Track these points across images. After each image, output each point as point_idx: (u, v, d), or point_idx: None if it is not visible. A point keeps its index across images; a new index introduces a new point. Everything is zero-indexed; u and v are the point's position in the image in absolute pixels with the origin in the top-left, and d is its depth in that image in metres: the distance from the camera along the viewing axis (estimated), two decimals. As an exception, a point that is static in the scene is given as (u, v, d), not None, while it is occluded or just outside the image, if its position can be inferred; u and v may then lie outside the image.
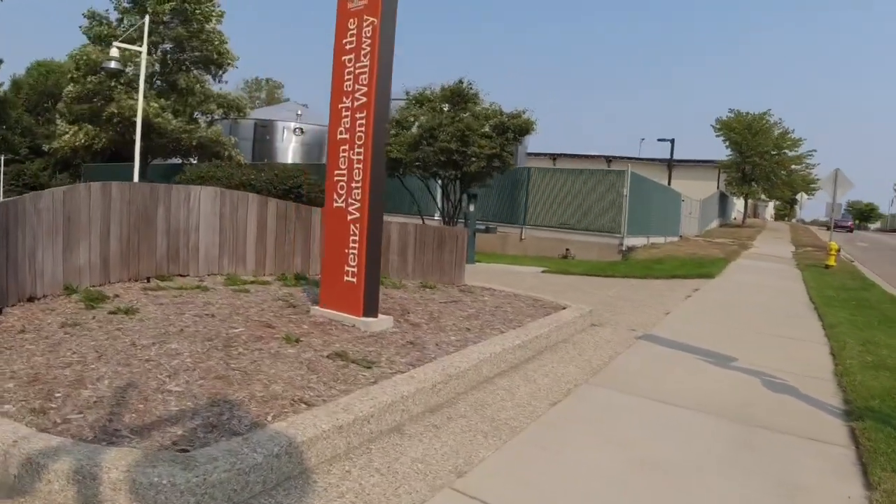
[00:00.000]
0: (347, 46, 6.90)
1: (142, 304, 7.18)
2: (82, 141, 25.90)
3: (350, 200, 6.92)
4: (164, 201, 9.64)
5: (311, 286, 9.32)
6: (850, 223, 71.74)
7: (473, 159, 16.91)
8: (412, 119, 18.27)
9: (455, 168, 17.27)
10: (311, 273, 10.93)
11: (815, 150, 54.77)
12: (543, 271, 16.47)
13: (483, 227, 20.72)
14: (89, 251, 8.51)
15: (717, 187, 52.78)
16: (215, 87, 27.75)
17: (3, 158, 35.99)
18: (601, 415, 5.44)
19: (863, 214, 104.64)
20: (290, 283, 9.46)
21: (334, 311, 7.08)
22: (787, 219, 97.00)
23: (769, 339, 9.00)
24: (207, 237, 10.22)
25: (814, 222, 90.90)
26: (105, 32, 26.16)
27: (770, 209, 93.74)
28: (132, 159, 41.81)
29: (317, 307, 7.30)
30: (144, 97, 25.38)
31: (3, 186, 39.48)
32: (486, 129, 17.43)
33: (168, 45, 26.47)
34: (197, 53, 27.33)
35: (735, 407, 5.81)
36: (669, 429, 5.16)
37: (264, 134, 36.05)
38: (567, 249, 21.59)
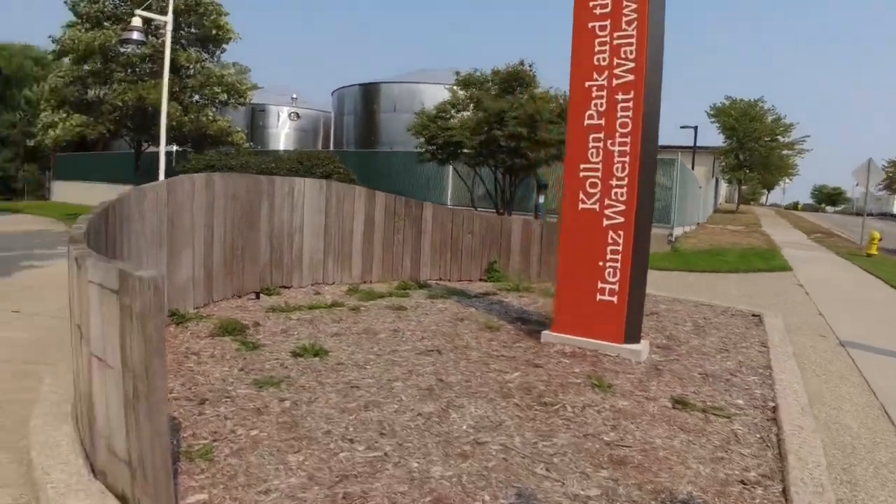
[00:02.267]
0: (598, 11, 5.30)
1: (302, 335, 5.44)
2: (75, 132, 23.21)
3: (608, 202, 5.26)
4: (268, 196, 7.75)
5: (462, 297, 7.56)
6: None
7: (540, 146, 15.21)
8: (467, 101, 16.45)
9: (518, 156, 15.55)
10: (423, 277, 9.15)
11: (808, 136, 54.61)
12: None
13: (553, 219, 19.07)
14: (192, 263, 6.65)
15: (713, 174, 52.06)
16: (213, 67, 25.32)
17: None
18: None
19: (830, 198, 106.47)
20: (439, 295, 7.65)
21: (579, 338, 5.46)
22: (751, 203, 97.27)
23: None
24: (311, 239, 8.36)
25: (795, 206, 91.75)
26: (95, 10, 23.48)
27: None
28: (108, 148, 38.92)
29: (549, 332, 5.63)
30: (143, 80, 22.99)
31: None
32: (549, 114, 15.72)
33: (161, 21, 24.00)
34: (194, 29, 24.86)
35: None
36: None
37: (258, 119, 33.74)
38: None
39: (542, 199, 15.74)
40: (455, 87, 17.28)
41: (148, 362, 2.25)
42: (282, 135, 35.16)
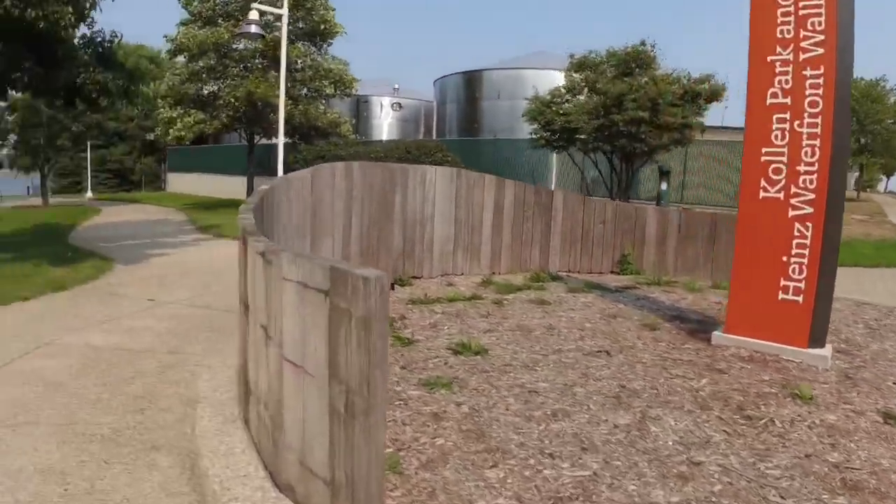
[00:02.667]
0: (780, -24, 4.66)
1: (453, 330, 5.16)
2: (194, 129, 24.12)
3: (795, 190, 4.71)
4: (401, 184, 7.53)
5: (604, 292, 7.09)
6: None
7: (662, 131, 14.43)
8: (583, 85, 15.83)
9: (637, 141, 14.81)
10: (552, 268, 8.72)
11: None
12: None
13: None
14: (332, 252, 6.53)
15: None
16: (321, 61, 25.66)
17: (88, 144, 34.84)
18: None
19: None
20: (578, 288, 7.20)
21: (756, 340, 4.91)
22: (867, 191, 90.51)
23: None
24: (441, 228, 8.10)
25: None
26: (207, 8, 24.20)
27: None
28: (220, 141, 40.37)
29: (720, 333, 5.08)
30: (254, 76, 23.50)
31: (91, 173, 38.53)
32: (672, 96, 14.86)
33: (270, 16, 24.53)
34: (302, 24, 25.22)
35: None
36: None
37: (362, 110, 34.10)
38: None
39: (664, 187, 14.93)
40: (568, 71, 16.68)
41: (369, 375, 1.97)
42: (384, 125, 35.39)
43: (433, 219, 7.98)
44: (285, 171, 15.22)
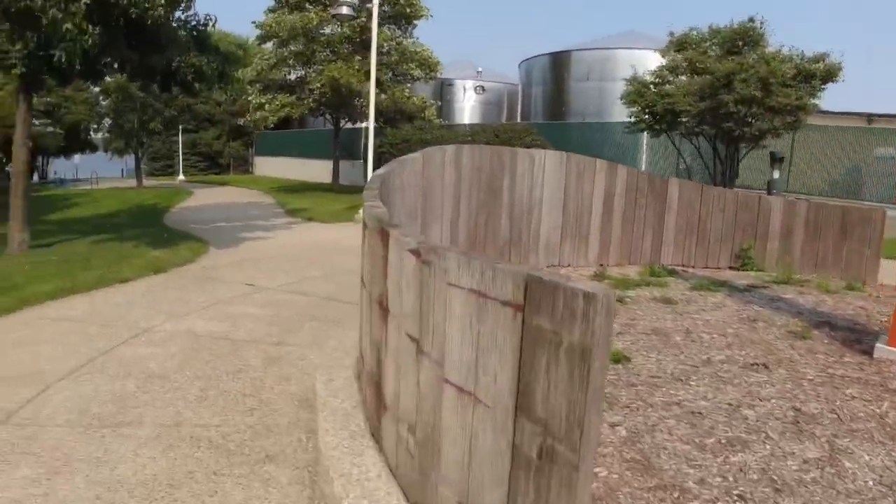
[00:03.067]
0: None
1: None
2: (281, 113, 24.42)
3: None
4: (509, 168, 7.07)
5: (731, 290, 6.45)
6: None
7: (774, 113, 13.39)
8: (684, 65, 14.89)
9: (746, 124, 13.81)
10: (664, 261, 8.10)
11: None
12: None
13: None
14: (440, 239, 6.09)
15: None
16: (407, 44, 25.38)
17: (180, 128, 35.81)
18: None
19: None
20: (703, 286, 6.59)
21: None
22: None
23: None
24: (549, 216, 7.61)
25: None
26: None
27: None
28: (304, 125, 40.85)
29: (885, 346, 4.44)
30: (343, 60, 23.39)
31: (182, 156, 39.71)
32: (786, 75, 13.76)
33: (356, 1, 24.40)
34: (386, 8, 24.98)
35: None
36: None
37: (445, 94, 33.71)
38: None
39: (776, 174, 13.88)
40: (667, 50, 15.74)
41: (583, 418, 1.53)
42: (466, 109, 34.84)
43: (541, 205, 7.50)
44: (372, 156, 15.00)
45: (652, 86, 15.50)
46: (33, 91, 10.89)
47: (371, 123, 14.69)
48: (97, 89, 30.87)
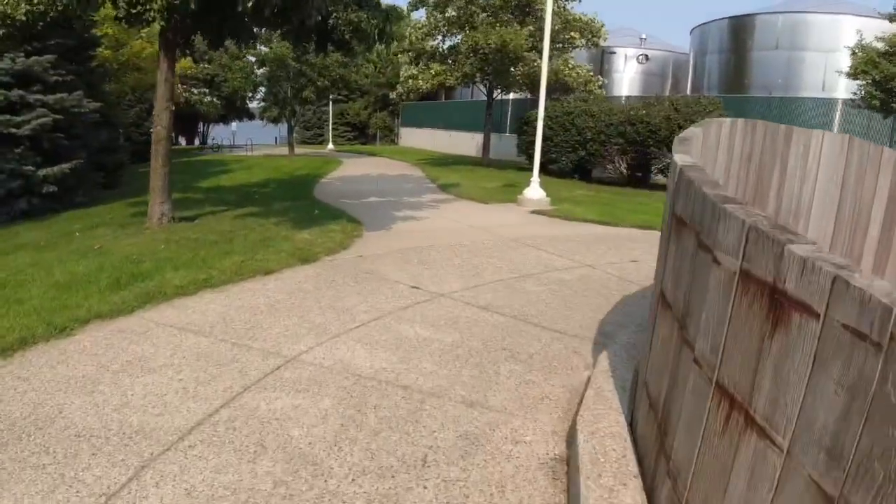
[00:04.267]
0: None
1: None
2: (434, 80, 23.21)
3: None
4: (781, 154, 5.09)
5: None
6: None
7: None
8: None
9: None
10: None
11: None
12: None
13: None
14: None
15: None
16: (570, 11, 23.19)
17: (331, 98, 35.74)
18: None
19: None
20: None
21: None
22: None
23: None
24: (817, 225, 5.53)
25: None
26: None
27: None
28: (451, 97, 39.65)
29: None
30: (503, 24, 21.64)
31: (331, 125, 39.89)
32: None
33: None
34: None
35: None
36: None
37: (605, 62, 31.06)
38: None
39: None
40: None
41: None
42: (625, 79, 31.99)
43: (809, 211, 5.46)
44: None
45: (888, 54, 12.59)
46: (179, 49, 9.99)
47: (542, 92, 12.90)
48: (253, 59, 31.16)
